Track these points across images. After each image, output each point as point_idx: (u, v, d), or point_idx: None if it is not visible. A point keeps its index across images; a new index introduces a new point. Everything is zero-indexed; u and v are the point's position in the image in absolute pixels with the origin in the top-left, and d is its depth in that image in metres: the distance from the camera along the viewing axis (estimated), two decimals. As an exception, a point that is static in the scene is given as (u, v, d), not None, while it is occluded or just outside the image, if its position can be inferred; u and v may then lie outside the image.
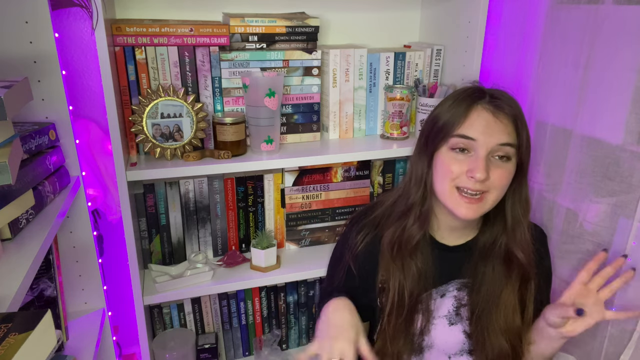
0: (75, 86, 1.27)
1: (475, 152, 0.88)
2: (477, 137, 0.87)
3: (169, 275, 1.25)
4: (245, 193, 1.33)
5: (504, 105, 0.89)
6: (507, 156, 0.89)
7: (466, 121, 0.88)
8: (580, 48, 1.02)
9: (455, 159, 0.89)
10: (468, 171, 0.87)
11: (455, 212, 0.91)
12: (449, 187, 0.90)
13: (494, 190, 0.89)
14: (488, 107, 0.89)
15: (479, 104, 0.89)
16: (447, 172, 0.90)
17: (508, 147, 0.88)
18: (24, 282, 0.72)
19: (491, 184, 0.88)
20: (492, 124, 0.87)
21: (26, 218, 0.88)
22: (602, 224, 1.02)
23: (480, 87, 0.93)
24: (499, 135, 0.87)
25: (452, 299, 1.00)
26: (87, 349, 1.08)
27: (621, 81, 0.94)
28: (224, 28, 1.17)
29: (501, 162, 0.89)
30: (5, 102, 0.70)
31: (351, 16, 1.43)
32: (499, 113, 0.88)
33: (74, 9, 1.20)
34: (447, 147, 0.91)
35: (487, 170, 0.86)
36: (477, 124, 0.88)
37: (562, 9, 1.07)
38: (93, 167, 1.24)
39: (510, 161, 0.89)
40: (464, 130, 0.88)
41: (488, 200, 0.90)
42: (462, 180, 0.88)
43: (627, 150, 0.96)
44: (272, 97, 1.15)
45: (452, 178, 0.89)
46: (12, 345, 0.53)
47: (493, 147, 0.87)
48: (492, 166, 0.88)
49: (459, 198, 0.90)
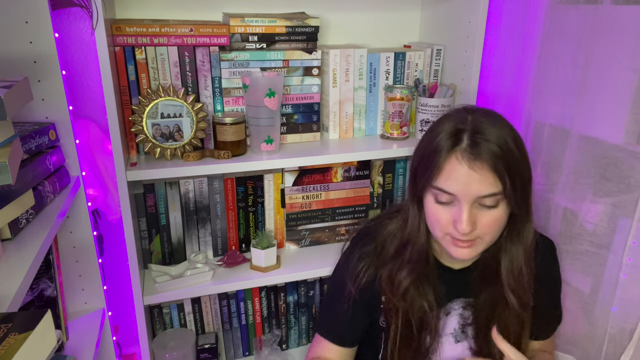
0: (75, 86, 1.27)
1: (458, 204, 0.83)
2: (455, 191, 0.82)
3: (169, 275, 1.25)
4: (245, 193, 1.33)
5: (482, 151, 0.80)
6: (492, 205, 0.83)
7: (442, 174, 0.82)
8: (579, 48, 1.02)
9: (440, 209, 0.85)
10: (453, 222, 0.84)
11: (451, 254, 0.88)
12: (441, 234, 0.88)
13: (485, 236, 0.86)
14: (465, 155, 0.81)
15: (455, 153, 0.81)
16: (434, 222, 0.87)
17: (490, 197, 0.82)
18: (24, 282, 0.72)
19: (481, 232, 0.84)
20: (469, 176, 0.80)
21: (26, 218, 0.88)
22: (602, 224, 1.02)
23: (460, 127, 0.83)
24: (478, 187, 0.81)
25: (458, 317, 0.99)
26: (87, 349, 1.08)
27: (620, 81, 0.94)
28: (224, 28, 1.17)
29: (488, 209, 0.83)
30: (5, 102, 0.70)
31: (351, 16, 1.43)
32: (475, 162, 0.80)
33: (74, 9, 1.20)
34: (431, 195, 0.86)
35: (471, 222, 0.82)
36: (454, 178, 0.81)
37: (561, 9, 1.07)
38: (93, 167, 1.24)
39: (497, 207, 0.83)
40: (441, 184, 0.83)
41: (480, 244, 0.87)
42: (451, 229, 0.85)
43: (626, 150, 0.96)
44: (272, 97, 1.15)
45: (440, 228, 0.87)
46: (12, 345, 0.53)
47: (474, 199, 0.82)
48: (479, 214, 0.83)
49: (451, 243, 0.87)
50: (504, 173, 0.80)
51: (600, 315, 1.04)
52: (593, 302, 1.05)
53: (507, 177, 0.80)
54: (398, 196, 1.47)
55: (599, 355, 1.05)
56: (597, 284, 1.04)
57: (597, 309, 1.04)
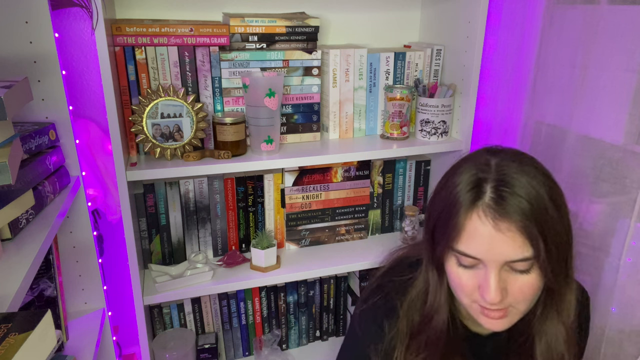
0: (75, 86, 1.27)
1: (485, 268, 0.69)
2: (479, 255, 0.68)
3: (169, 275, 1.25)
4: (245, 193, 1.33)
5: (509, 207, 0.66)
6: (525, 269, 0.69)
7: (462, 236, 0.69)
8: (578, 48, 1.02)
9: (464, 273, 0.72)
10: (479, 288, 0.70)
11: (482, 324, 0.74)
12: (468, 301, 0.74)
13: (519, 305, 0.71)
14: (488, 213, 0.67)
15: (477, 210, 0.68)
16: (459, 288, 0.74)
17: (521, 262, 0.67)
18: (24, 282, 0.72)
19: (513, 300, 0.70)
20: (495, 238, 0.67)
21: (26, 218, 0.88)
22: (602, 224, 1.02)
23: (482, 176, 0.69)
24: (505, 250, 0.67)
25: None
26: (87, 349, 1.08)
27: (619, 81, 0.95)
28: (224, 28, 1.17)
29: (520, 274, 0.69)
30: (5, 102, 0.70)
31: (351, 16, 1.43)
32: (501, 222, 0.66)
33: (74, 9, 1.20)
34: (453, 257, 0.73)
35: (500, 290, 0.68)
36: (476, 240, 0.68)
37: (558, 9, 1.07)
38: (93, 167, 1.24)
39: (532, 271, 0.69)
40: (463, 247, 0.69)
41: (514, 314, 0.73)
42: (478, 296, 0.71)
43: (626, 151, 0.96)
44: (272, 97, 1.15)
45: (467, 294, 0.73)
46: (12, 345, 0.53)
47: (503, 263, 0.68)
48: (510, 279, 0.69)
49: (480, 312, 0.73)
50: (537, 235, 0.66)
51: (599, 315, 1.04)
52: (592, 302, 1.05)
53: (541, 240, 0.66)
54: (398, 196, 1.47)
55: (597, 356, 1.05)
56: (597, 284, 1.04)
57: (596, 309, 1.04)
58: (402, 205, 1.49)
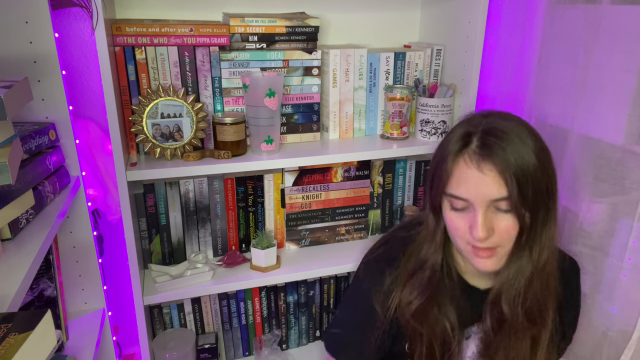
0: (75, 86, 1.27)
1: (473, 209, 0.79)
2: (467, 196, 0.78)
3: (169, 275, 1.25)
4: (245, 193, 1.33)
5: (492, 152, 0.76)
6: (509, 209, 0.78)
7: (452, 178, 0.80)
8: (579, 48, 1.02)
9: (457, 216, 0.82)
10: (469, 228, 0.80)
11: (474, 266, 0.84)
12: (462, 244, 0.83)
13: (505, 244, 0.81)
14: (473, 157, 0.77)
15: (464, 156, 0.78)
16: (453, 230, 0.83)
17: (502, 201, 0.77)
18: (24, 282, 0.72)
19: (499, 239, 0.80)
20: (479, 179, 0.76)
21: (26, 218, 0.88)
22: (602, 224, 1.02)
23: (471, 130, 0.80)
24: (489, 190, 0.76)
25: (477, 340, 0.94)
26: (87, 349, 1.08)
27: (620, 81, 0.94)
28: (224, 28, 1.17)
29: (505, 213, 0.78)
30: (5, 102, 0.70)
31: (351, 16, 1.43)
32: (484, 164, 0.76)
33: (74, 9, 1.20)
34: (447, 203, 0.83)
35: (487, 228, 0.78)
36: (463, 182, 0.78)
37: (559, 9, 1.07)
38: (93, 167, 1.24)
39: (510, 213, 0.78)
40: (453, 190, 0.80)
41: (501, 254, 0.82)
42: (469, 237, 0.80)
43: (626, 150, 0.96)
44: (272, 97, 1.15)
45: (460, 236, 0.82)
46: (12, 345, 0.53)
47: (488, 202, 0.77)
48: (496, 218, 0.79)
49: (473, 253, 0.82)
50: (512, 177, 0.75)
51: (599, 316, 1.04)
52: (592, 302, 1.05)
53: (515, 182, 0.75)
54: (398, 196, 1.47)
55: (598, 356, 1.05)
56: (597, 284, 1.04)
57: (596, 309, 1.04)
58: (402, 205, 1.49)
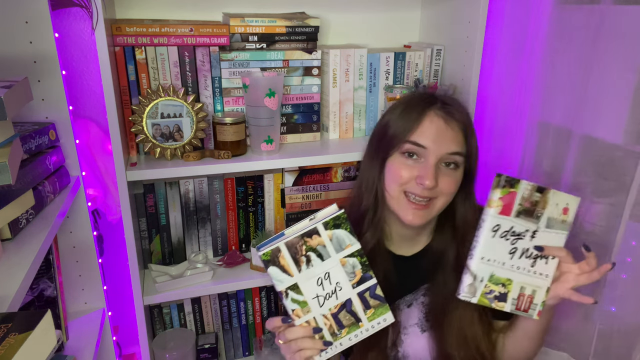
0: (75, 86, 1.27)
1: (425, 160, 0.88)
2: (428, 145, 0.88)
3: (169, 275, 1.25)
4: (245, 193, 1.33)
5: (455, 112, 0.90)
6: (455, 164, 0.90)
7: (418, 128, 0.89)
8: (583, 48, 1.02)
9: (405, 164, 0.90)
10: (417, 177, 0.88)
11: (402, 217, 0.91)
12: (397, 191, 0.91)
13: (441, 197, 0.90)
14: (440, 113, 0.89)
15: (431, 110, 0.90)
16: (396, 177, 0.90)
17: (457, 155, 0.89)
18: (24, 282, 0.72)
19: (439, 191, 0.89)
20: (443, 131, 0.88)
21: (26, 218, 0.88)
22: (602, 223, 1.02)
23: (432, 93, 0.94)
24: (449, 143, 0.88)
25: (420, 305, 0.98)
26: (87, 349, 1.08)
27: (622, 82, 0.95)
28: (224, 28, 1.17)
29: (449, 169, 0.90)
30: (5, 102, 0.70)
31: (351, 16, 1.42)
32: (450, 120, 0.89)
33: (74, 9, 1.20)
34: (398, 153, 0.91)
35: (435, 178, 0.87)
36: (429, 131, 0.88)
37: (565, 10, 1.07)
38: (93, 167, 1.24)
39: (458, 169, 0.91)
40: (416, 137, 0.89)
41: (435, 206, 0.91)
42: (411, 185, 0.89)
43: (627, 150, 0.96)
44: (272, 97, 1.15)
45: (401, 183, 0.90)
46: (12, 345, 0.53)
47: (443, 156, 0.88)
48: (441, 174, 0.89)
49: (406, 204, 0.90)
50: (470, 136, 0.91)
51: (600, 315, 1.04)
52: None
53: (471, 140, 0.91)
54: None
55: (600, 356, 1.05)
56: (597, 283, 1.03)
57: (596, 309, 1.04)
58: (402, 205, 1.49)
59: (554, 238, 0.82)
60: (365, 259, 0.80)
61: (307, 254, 0.77)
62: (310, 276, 0.78)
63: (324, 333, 0.80)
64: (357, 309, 0.81)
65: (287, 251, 0.77)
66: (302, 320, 0.79)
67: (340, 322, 0.81)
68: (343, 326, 0.81)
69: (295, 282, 0.78)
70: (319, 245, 0.78)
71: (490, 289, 0.83)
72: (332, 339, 0.81)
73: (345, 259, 0.79)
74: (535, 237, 0.82)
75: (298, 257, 0.77)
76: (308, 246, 0.77)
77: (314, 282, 0.79)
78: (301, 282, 0.78)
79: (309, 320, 0.80)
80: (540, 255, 0.82)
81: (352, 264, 0.80)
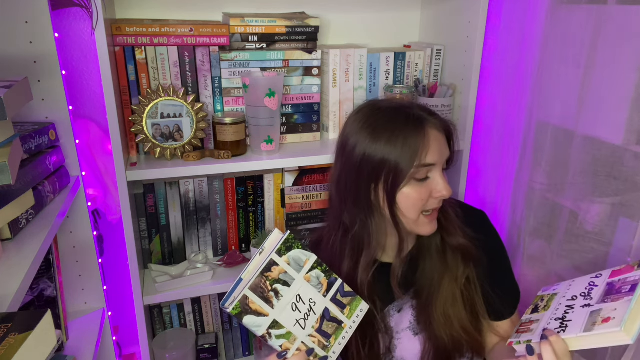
0: (75, 86, 1.27)
1: (433, 175, 0.86)
2: (436, 160, 0.85)
3: (169, 275, 1.25)
4: (245, 193, 1.33)
5: (440, 118, 0.89)
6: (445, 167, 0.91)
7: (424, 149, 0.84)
8: (582, 48, 1.02)
9: (420, 187, 0.86)
10: (434, 192, 0.86)
11: (421, 232, 0.91)
12: (416, 215, 0.88)
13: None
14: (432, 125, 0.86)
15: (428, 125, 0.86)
16: (417, 204, 0.86)
17: (448, 159, 0.91)
18: (24, 282, 0.72)
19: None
20: (441, 141, 0.87)
21: (26, 218, 0.88)
22: (603, 224, 1.02)
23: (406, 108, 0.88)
24: (445, 150, 0.88)
25: (410, 309, 0.98)
26: (87, 349, 1.08)
27: (622, 81, 0.94)
28: (224, 28, 1.17)
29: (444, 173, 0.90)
30: (5, 102, 0.70)
31: (351, 16, 1.42)
32: (441, 127, 0.88)
33: (74, 9, 1.20)
34: (412, 181, 0.85)
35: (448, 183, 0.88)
36: (435, 147, 0.85)
37: (563, 9, 1.07)
38: (93, 167, 1.24)
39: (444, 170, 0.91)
40: (425, 159, 0.84)
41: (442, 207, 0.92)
42: (430, 203, 0.88)
43: (627, 150, 0.96)
44: (272, 97, 1.15)
45: (422, 206, 0.87)
46: (12, 345, 0.53)
47: (443, 163, 0.89)
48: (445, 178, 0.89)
49: (423, 219, 0.89)
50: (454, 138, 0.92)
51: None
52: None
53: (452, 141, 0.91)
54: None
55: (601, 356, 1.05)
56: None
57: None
58: (402, 205, 1.49)
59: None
60: (325, 266, 0.81)
61: (274, 287, 0.77)
62: (284, 306, 0.78)
63: (317, 351, 0.81)
64: (336, 313, 0.82)
65: (254, 295, 0.76)
66: (293, 349, 0.79)
67: (326, 333, 0.82)
68: (329, 335, 0.82)
69: (273, 318, 0.77)
70: (280, 274, 0.78)
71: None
72: (325, 352, 0.81)
73: (308, 274, 0.80)
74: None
75: (266, 295, 0.77)
76: (271, 280, 0.77)
77: (290, 310, 0.78)
78: (278, 316, 0.77)
79: (299, 347, 0.80)
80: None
81: (315, 276, 0.81)
